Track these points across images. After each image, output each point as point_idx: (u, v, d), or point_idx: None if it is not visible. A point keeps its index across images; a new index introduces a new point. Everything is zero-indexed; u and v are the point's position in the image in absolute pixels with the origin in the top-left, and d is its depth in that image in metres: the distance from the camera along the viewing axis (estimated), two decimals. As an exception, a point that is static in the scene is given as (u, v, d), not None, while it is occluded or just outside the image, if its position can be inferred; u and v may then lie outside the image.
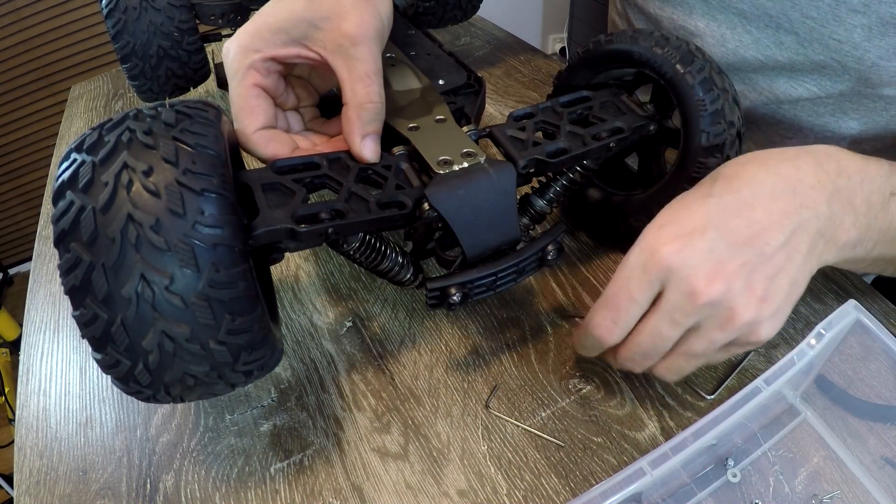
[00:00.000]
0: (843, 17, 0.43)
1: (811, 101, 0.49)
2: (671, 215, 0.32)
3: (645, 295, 0.32)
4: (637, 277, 0.31)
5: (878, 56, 0.43)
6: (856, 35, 0.43)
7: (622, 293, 0.32)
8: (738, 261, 0.30)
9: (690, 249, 0.30)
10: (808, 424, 0.36)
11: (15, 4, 1.62)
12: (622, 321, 0.32)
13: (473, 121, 0.42)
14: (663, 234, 0.31)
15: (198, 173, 0.27)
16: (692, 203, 0.32)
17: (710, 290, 0.30)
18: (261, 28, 0.35)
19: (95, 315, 0.26)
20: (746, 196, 0.32)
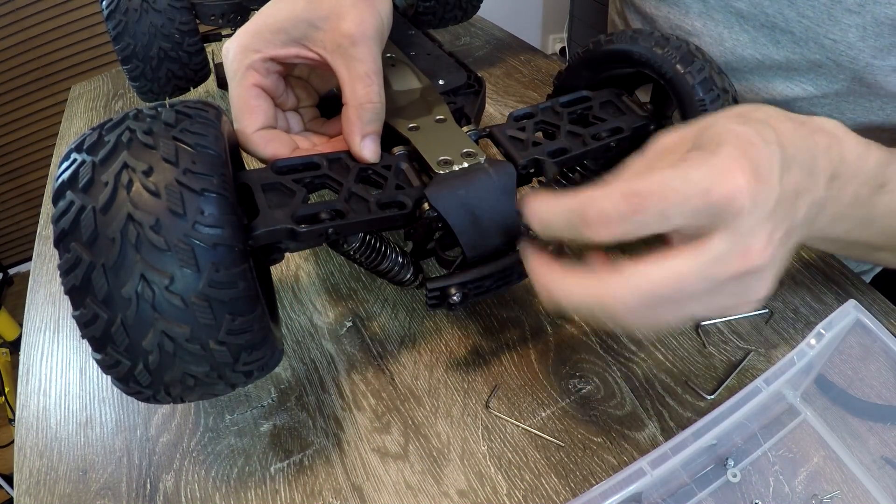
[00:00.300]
0: (839, 16, 0.43)
1: (807, 101, 0.49)
2: (749, 139, 0.26)
3: (682, 220, 0.25)
4: (691, 194, 0.24)
5: (872, 56, 0.44)
6: (850, 35, 0.43)
7: (657, 197, 0.24)
8: (784, 227, 0.27)
9: (763, 199, 0.25)
10: (808, 424, 0.36)
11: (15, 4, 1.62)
12: (633, 226, 0.25)
13: (473, 121, 0.42)
14: (744, 162, 0.25)
15: (198, 173, 0.27)
16: (758, 141, 0.26)
17: (762, 257, 0.26)
18: (260, 28, 0.35)
19: (95, 315, 0.26)
20: (792, 156, 0.27)
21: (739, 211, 0.25)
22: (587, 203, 0.26)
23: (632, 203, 0.25)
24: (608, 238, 0.26)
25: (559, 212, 0.27)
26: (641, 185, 0.25)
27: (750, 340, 0.41)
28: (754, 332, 0.41)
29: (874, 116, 0.47)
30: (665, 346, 0.41)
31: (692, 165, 0.25)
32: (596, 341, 0.42)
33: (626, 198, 0.25)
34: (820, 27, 0.44)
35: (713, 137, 0.26)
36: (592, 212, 0.25)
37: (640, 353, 0.41)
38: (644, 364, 0.40)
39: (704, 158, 0.25)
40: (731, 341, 0.41)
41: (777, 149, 0.26)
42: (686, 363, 0.40)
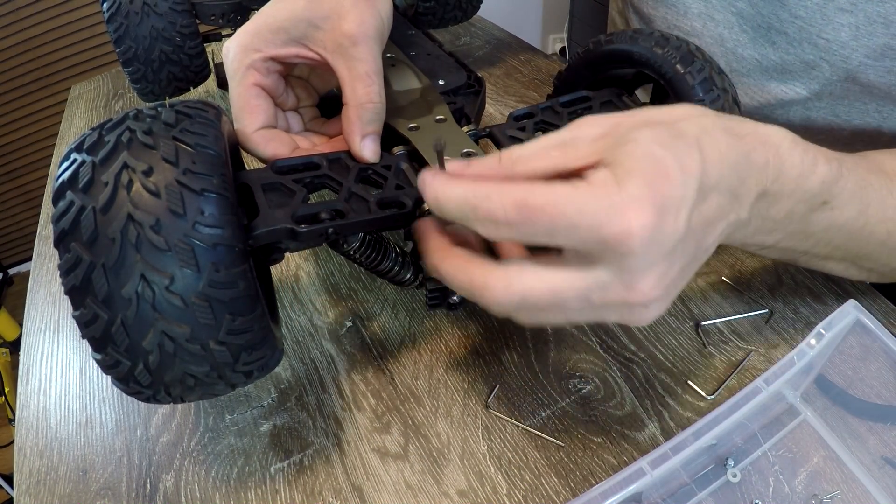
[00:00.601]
0: (831, 15, 0.43)
1: (802, 105, 0.49)
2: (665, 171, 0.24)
3: (568, 244, 0.25)
4: (581, 225, 0.23)
5: (865, 55, 0.44)
6: (843, 34, 0.43)
7: (547, 216, 0.24)
8: (683, 262, 0.26)
9: (660, 241, 0.24)
10: (808, 424, 0.36)
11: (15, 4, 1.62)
12: (519, 234, 0.25)
13: (473, 121, 0.42)
14: (646, 203, 0.23)
15: (198, 173, 0.27)
16: (675, 174, 0.24)
17: (647, 296, 0.25)
18: (261, 28, 0.35)
19: (95, 315, 0.26)
20: (714, 184, 0.26)
21: (628, 252, 0.24)
22: (481, 199, 0.25)
23: (522, 214, 0.24)
24: (496, 237, 0.26)
25: (453, 197, 0.26)
26: (536, 197, 0.24)
27: (750, 340, 0.41)
28: (754, 332, 0.41)
29: (870, 119, 0.47)
30: (665, 346, 0.41)
31: (592, 195, 0.23)
32: (596, 341, 0.42)
33: (517, 207, 0.24)
34: (813, 27, 0.44)
35: (628, 159, 0.24)
36: (483, 210, 0.25)
37: (640, 353, 0.41)
38: (644, 364, 0.40)
39: (606, 191, 0.23)
40: (731, 341, 0.41)
41: (694, 182, 0.25)
42: (686, 363, 0.40)
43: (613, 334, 0.42)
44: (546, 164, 0.26)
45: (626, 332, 0.42)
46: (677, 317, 0.43)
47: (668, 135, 0.25)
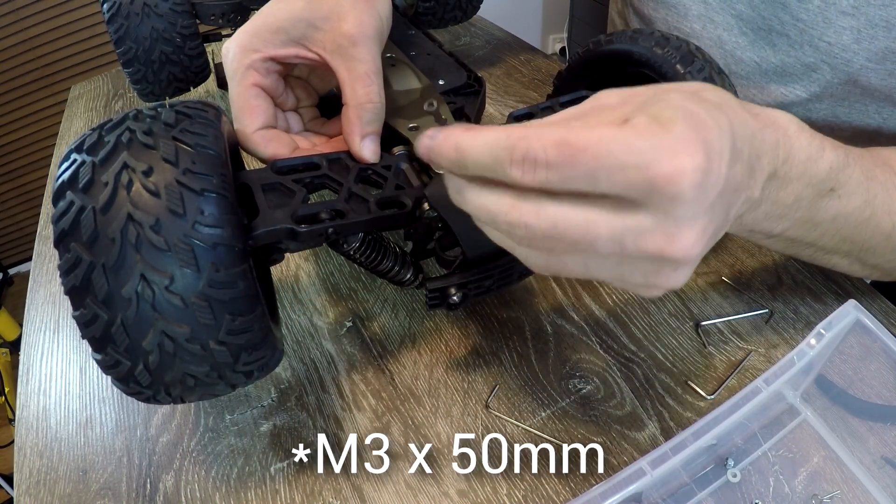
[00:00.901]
0: (833, 19, 0.43)
1: (803, 106, 0.49)
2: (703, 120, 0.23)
3: (610, 188, 0.22)
4: (629, 164, 0.22)
5: (866, 59, 0.44)
6: (845, 37, 0.43)
7: (590, 155, 0.22)
8: (718, 222, 0.25)
9: (708, 188, 0.23)
10: (808, 424, 0.36)
11: (15, 4, 1.62)
12: (557, 177, 0.23)
13: (473, 121, 0.42)
14: (696, 144, 0.22)
15: (198, 173, 0.27)
16: (713, 125, 0.23)
17: (688, 252, 0.23)
18: (260, 28, 0.35)
19: (95, 315, 0.26)
20: (739, 149, 0.25)
21: (678, 196, 0.22)
22: (517, 139, 0.23)
23: (563, 153, 0.22)
24: (531, 182, 0.23)
25: (484, 142, 0.24)
26: (578, 136, 0.22)
27: (750, 340, 0.41)
28: (754, 332, 0.41)
29: (870, 120, 0.47)
30: (665, 346, 0.41)
31: (639, 133, 0.22)
32: (596, 341, 0.42)
33: (557, 146, 0.22)
34: (814, 30, 0.44)
35: (665, 110, 0.23)
36: (521, 150, 0.23)
37: (640, 353, 0.41)
38: (644, 364, 0.40)
39: (654, 129, 0.22)
40: (731, 341, 0.41)
41: (729, 136, 0.24)
42: (686, 363, 0.40)
43: (613, 334, 0.42)
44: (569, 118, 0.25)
45: (626, 332, 0.42)
46: (677, 317, 0.43)
47: (696, 98, 0.24)
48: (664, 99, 0.24)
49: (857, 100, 0.46)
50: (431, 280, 0.34)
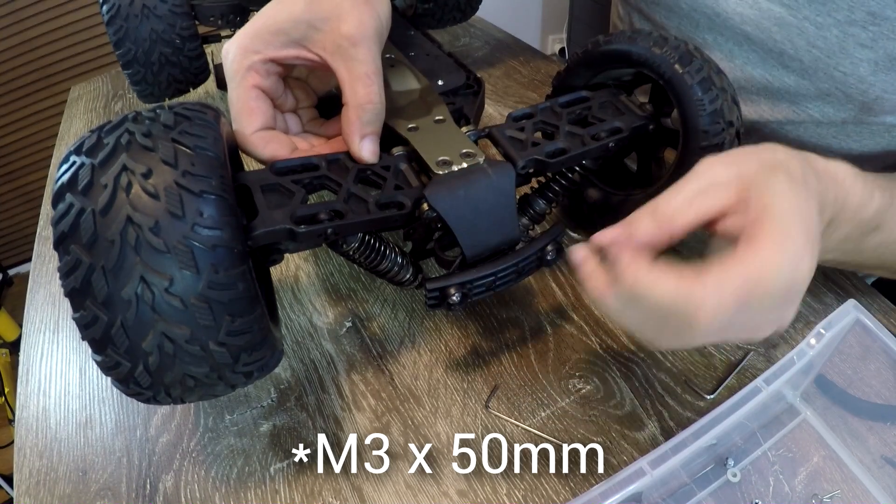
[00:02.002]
0: (851, 50, 0.43)
1: (814, 124, 0.48)
2: (809, 215, 0.29)
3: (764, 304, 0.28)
4: (778, 291, 0.27)
5: (882, 90, 0.43)
6: (861, 69, 0.43)
7: (758, 296, 0.27)
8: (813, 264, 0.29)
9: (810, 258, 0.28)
10: (808, 424, 0.36)
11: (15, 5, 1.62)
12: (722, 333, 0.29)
13: (472, 121, 0.42)
14: (809, 247, 0.28)
15: (197, 175, 0.27)
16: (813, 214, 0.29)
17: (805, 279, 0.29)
18: (260, 30, 0.35)
19: (95, 317, 0.26)
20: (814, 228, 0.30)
21: (797, 298, 0.28)
22: (704, 299, 0.27)
23: (741, 302, 0.27)
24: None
25: (668, 292, 0.28)
26: (744, 284, 0.27)
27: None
28: (754, 331, 0.41)
29: (880, 139, 0.47)
30: (665, 346, 0.41)
31: (775, 250, 0.27)
32: (596, 341, 0.42)
33: (736, 299, 0.27)
34: (830, 59, 0.44)
35: (776, 214, 0.28)
36: (708, 309, 0.27)
37: (639, 353, 0.41)
38: (644, 364, 0.40)
39: (782, 243, 0.27)
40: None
41: (818, 213, 0.30)
42: (686, 363, 0.40)
43: (613, 334, 0.42)
44: (696, 213, 0.30)
45: (626, 332, 0.42)
46: (677, 317, 0.43)
47: (791, 181, 0.29)
48: (767, 191, 0.29)
49: (867, 122, 0.46)
50: (431, 280, 0.34)
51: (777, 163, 0.31)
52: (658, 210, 0.30)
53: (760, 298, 0.27)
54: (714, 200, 0.30)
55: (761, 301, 0.28)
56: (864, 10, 0.41)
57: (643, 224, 0.30)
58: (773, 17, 0.45)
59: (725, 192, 0.30)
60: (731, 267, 0.27)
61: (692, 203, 0.30)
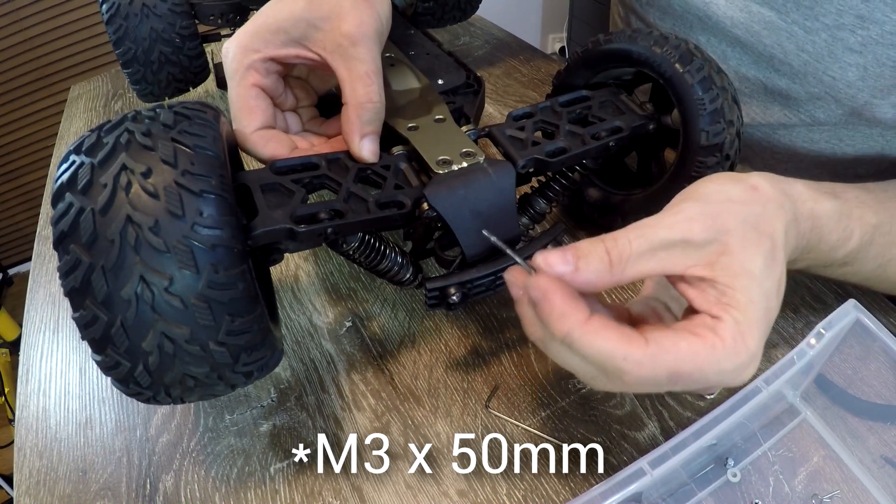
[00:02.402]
0: (839, 55, 0.42)
1: (806, 128, 0.48)
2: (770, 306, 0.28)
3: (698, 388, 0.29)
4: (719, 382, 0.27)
5: (871, 95, 0.43)
6: (850, 73, 0.43)
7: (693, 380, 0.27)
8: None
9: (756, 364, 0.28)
10: (808, 424, 0.36)
11: (15, 4, 1.62)
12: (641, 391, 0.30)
13: (473, 120, 0.42)
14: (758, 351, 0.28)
15: (196, 174, 0.27)
16: (776, 302, 0.29)
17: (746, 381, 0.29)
18: (260, 28, 0.35)
19: (95, 317, 0.26)
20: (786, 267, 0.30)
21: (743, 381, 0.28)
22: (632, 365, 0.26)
23: (672, 380, 0.27)
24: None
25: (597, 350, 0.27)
26: (685, 365, 0.27)
27: (750, 340, 0.41)
28: (754, 331, 0.41)
29: (874, 143, 0.47)
30: (665, 346, 0.41)
31: (727, 358, 0.27)
32: (596, 341, 0.42)
33: (669, 375, 0.27)
34: (819, 63, 0.44)
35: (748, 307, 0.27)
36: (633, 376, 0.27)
37: (639, 352, 0.41)
38: (644, 364, 0.40)
39: (737, 350, 0.27)
40: (731, 341, 0.41)
41: (781, 297, 0.30)
42: (686, 363, 0.40)
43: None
44: (655, 267, 0.28)
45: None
46: (677, 316, 0.43)
47: (770, 258, 0.29)
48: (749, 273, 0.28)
49: (860, 126, 0.46)
50: (431, 280, 0.34)
51: (762, 227, 0.29)
52: (615, 251, 0.28)
53: (695, 383, 0.27)
54: (680, 266, 0.28)
55: (695, 385, 0.28)
56: (852, 14, 0.41)
57: (592, 263, 0.28)
58: (763, 20, 0.45)
59: (695, 261, 0.28)
60: (673, 349, 0.27)
61: (654, 256, 0.28)
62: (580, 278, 0.27)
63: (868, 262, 0.36)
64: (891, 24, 0.40)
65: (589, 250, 0.28)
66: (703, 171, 0.38)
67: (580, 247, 0.28)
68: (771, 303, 0.28)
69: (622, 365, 0.26)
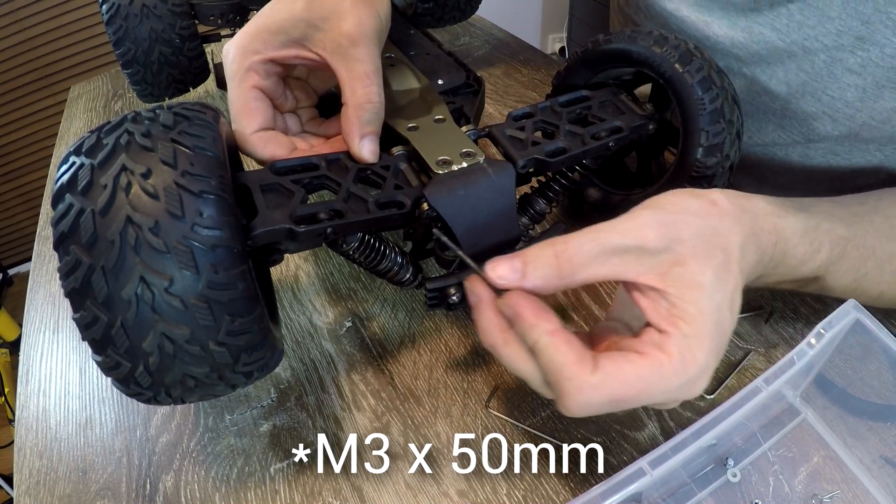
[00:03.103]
0: (839, 75, 0.42)
1: (802, 146, 0.48)
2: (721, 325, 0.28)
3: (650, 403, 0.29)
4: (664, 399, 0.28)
5: (869, 116, 0.42)
6: (849, 94, 0.42)
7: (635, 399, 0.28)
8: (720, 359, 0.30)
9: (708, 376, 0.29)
10: (807, 424, 0.36)
11: (15, 4, 1.62)
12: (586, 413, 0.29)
13: (472, 121, 0.42)
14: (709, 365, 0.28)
15: (196, 175, 0.27)
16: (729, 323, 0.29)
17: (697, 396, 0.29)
18: (260, 29, 0.35)
19: (96, 317, 0.26)
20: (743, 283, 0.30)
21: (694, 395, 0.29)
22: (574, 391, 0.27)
23: (615, 404, 0.28)
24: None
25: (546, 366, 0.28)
26: (627, 390, 0.27)
27: (750, 340, 0.41)
28: (754, 331, 0.41)
29: (870, 157, 0.46)
30: (665, 346, 0.41)
31: (675, 375, 0.27)
32: (596, 341, 0.42)
33: (611, 401, 0.27)
34: (818, 82, 0.43)
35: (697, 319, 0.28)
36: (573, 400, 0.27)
37: (639, 352, 0.41)
38: (644, 364, 0.40)
39: (685, 367, 0.27)
40: (731, 341, 0.41)
41: (736, 312, 0.30)
42: (686, 363, 0.40)
43: (613, 334, 0.42)
44: (605, 272, 0.28)
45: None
46: (677, 316, 0.43)
47: (723, 271, 0.29)
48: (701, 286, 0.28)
49: (857, 143, 0.46)
50: (430, 280, 0.34)
51: (716, 240, 0.29)
52: (565, 254, 0.28)
53: (642, 403, 0.28)
54: (632, 272, 0.28)
55: (643, 404, 0.28)
56: (852, 35, 0.40)
57: (539, 269, 0.28)
58: (763, 41, 0.45)
59: (648, 269, 0.28)
60: (618, 375, 0.27)
61: (607, 261, 0.28)
62: (528, 284, 0.28)
63: (842, 277, 0.36)
64: (891, 47, 0.39)
65: (537, 256, 0.28)
66: (702, 170, 0.38)
67: (528, 253, 0.29)
68: (723, 315, 0.28)
69: (565, 385, 0.27)
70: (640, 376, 0.27)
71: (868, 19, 0.39)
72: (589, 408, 0.28)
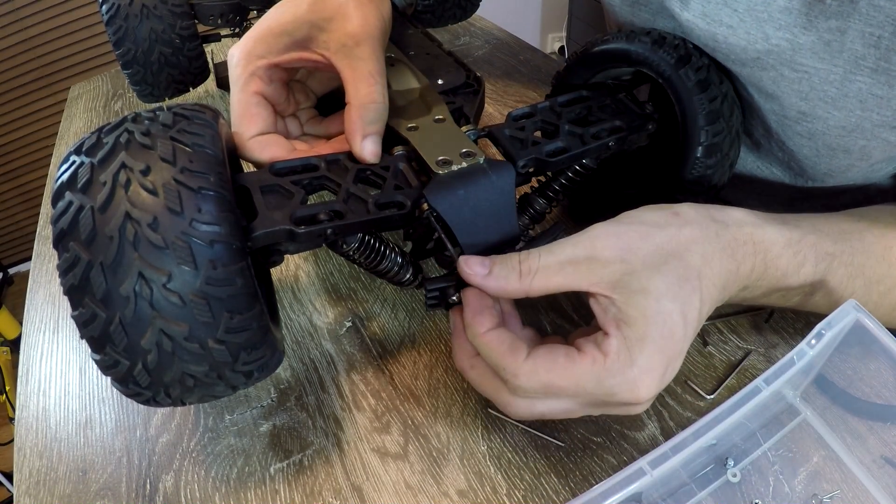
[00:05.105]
0: (791, 136, 0.42)
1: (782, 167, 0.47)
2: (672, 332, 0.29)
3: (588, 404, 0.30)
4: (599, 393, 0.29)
5: (828, 169, 0.42)
6: (805, 150, 0.42)
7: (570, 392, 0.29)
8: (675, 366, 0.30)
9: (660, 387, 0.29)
10: (807, 424, 0.36)
11: (15, 4, 1.62)
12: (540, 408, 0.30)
13: (472, 121, 0.42)
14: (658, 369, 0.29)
15: (195, 172, 0.27)
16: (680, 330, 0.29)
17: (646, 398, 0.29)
18: (264, 33, 0.35)
19: (94, 314, 0.26)
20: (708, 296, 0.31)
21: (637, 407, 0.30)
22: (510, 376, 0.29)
23: (548, 391, 0.29)
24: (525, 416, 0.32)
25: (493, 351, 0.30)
26: (561, 381, 0.29)
27: (750, 340, 0.41)
28: (754, 331, 0.41)
29: (854, 178, 0.45)
30: (665, 346, 0.41)
31: (609, 372, 0.28)
32: (595, 341, 0.42)
33: (545, 388, 0.29)
34: (776, 136, 0.43)
35: (640, 320, 0.28)
36: (512, 385, 0.30)
37: (639, 352, 0.41)
38: (644, 364, 0.40)
39: (622, 366, 0.28)
40: (731, 341, 0.41)
41: (694, 327, 0.30)
42: (686, 363, 0.40)
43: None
44: (562, 281, 0.30)
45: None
46: (677, 316, 0.42)
47: (677, 279, 0.29)
48: (646, 291, 0.29)
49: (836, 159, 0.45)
50: (430, 280, 0.34)
51: (671, 248, 0.30)
52: (525, 264, 0.30)
53: (578, 397, 0.29)
54: (584, 282, 0.30)
55: (581, 399, 0.29)
56: (794, 110, 0.40)
57: (504, 270, 0.31)
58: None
59: (600, 278, 0.30)
60: (550, 362, 0.29)
61: (561, 270, 0.30)
62: (492, 282, 0.31)
63: (829, 293, 0.35)
64: (834, 120, 0.39)
65: (504, 260, 0.31)
66: (702, 170, 0.38)
67: (498, 257, 0.32)
68: (673, 321, 0.29)
69: (502, 374, 0.29)
70: (572, 369, 0.28)
71: (806, 96, 0.39)
72: (525, 393, 0.29)
